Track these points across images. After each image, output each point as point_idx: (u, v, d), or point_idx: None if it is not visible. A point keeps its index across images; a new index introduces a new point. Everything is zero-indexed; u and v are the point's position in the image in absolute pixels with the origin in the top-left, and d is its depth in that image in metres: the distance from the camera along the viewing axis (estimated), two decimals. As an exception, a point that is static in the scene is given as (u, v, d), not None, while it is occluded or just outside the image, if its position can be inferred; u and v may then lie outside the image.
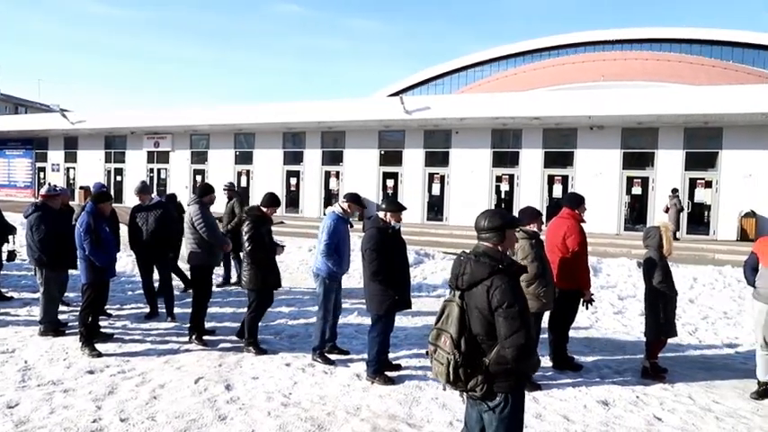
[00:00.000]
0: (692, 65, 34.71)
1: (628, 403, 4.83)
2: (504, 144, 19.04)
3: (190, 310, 6.36)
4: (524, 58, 46.56)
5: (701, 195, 16.95)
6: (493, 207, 18.71)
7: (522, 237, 5.09)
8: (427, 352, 3.01)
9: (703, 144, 16.89)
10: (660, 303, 5.41)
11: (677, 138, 16.98)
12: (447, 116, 17.98)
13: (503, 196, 19.06)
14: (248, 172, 22.81)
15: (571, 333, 6.69)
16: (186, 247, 6.38)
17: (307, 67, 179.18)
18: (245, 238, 5.80)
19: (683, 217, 16.58)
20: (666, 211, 15.75)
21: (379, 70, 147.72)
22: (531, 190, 18.39)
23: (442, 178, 19.65)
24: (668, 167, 17.10)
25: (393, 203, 5.25)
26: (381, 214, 5.21)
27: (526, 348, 2.71)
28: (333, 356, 5.80)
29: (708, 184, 16.87)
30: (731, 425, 4.46)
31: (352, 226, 5.92)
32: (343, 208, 5.72)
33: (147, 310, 7.41)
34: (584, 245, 5.63)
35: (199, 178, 23.57)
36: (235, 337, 6.37)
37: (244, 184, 22.86)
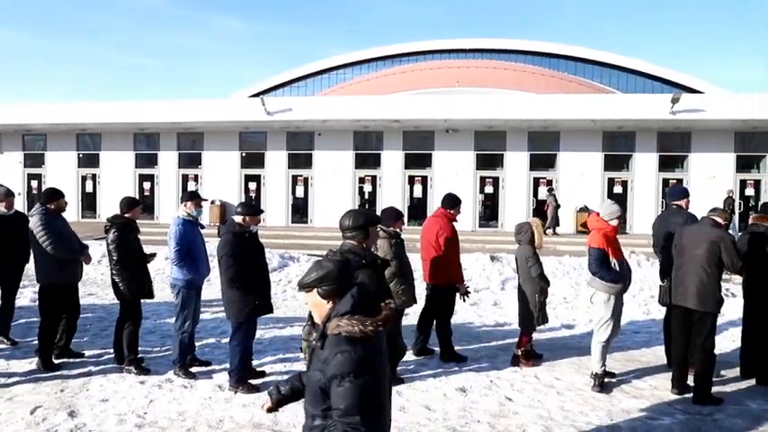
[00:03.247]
0: (533, 74, 38.05)
1: (483, 388, 5.16)
2: (367, 146, 19.47)
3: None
4: (384, 62, 47.92)
5: (544, 193, 18.66)
6: (356, 208, 19.08)
7: (382, 236, 5.22)
8: (301, 348, 3.15)
9: (544, 146, 18.64)
10: (536, 294, 5.75)
11: (522, 141, 18.55)
12: (309, 118, 17.96)
13: (366, 197, 19.46)
14: (94, 176, 20.94)
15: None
16: (33, 263, 5.66)
17: (162, 64, 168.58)
18: (112, 247, 5.35)
19: (538, 214, 18.14)
20: (546, 209, 17.22)
21: (241, 70, 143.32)
22: (393, 190, 18.98)
23: (306, 180, 19.59)
24: (516, 168, 18.62)
25: (248, 207, 5.16)
26: (237, 218, 5.08)
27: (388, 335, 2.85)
28: (193, 369, 5.51)
29: (549, 183, 18.62)
30: (570, 398, 4.96)
31: (202, 227, 5.69)
32: (186, 210, 5.48)
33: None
34: (456, 242, 5.94)
35: (34, 183, 21.18)
36: (77, 359, 5.80)
37: (90, 189, 20.95)
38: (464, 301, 6.13)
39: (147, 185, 20.64)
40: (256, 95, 27.10)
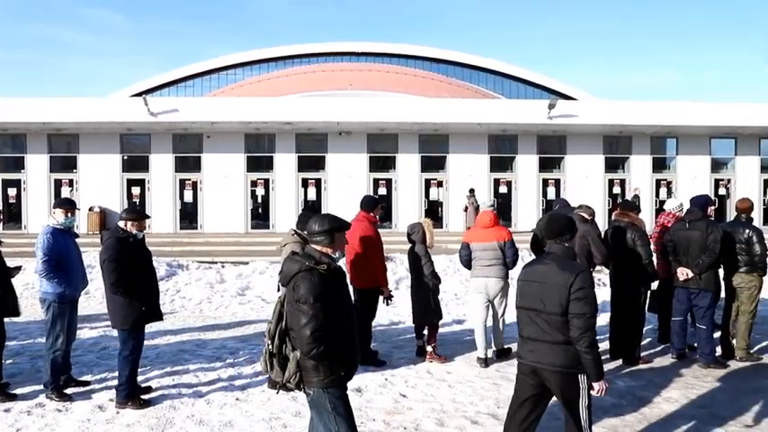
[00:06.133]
0: (423, 79, 39.24)
1: (378, 386, 5.24)
2: (259, 149, 19.07)
3: None
4: (276, 63, 47.15)
5: (435, 194, 19.34)
6: (249, 212, 18.67)
7: (296, 240, 5.23)
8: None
9: (435, 149, 19.31)
10: (430, 291, 5.99)
11: (414, 143, 19.08)
12: (197, 119, 17.27)
13: (259, 201, 19.06)
14: (-52, 182, 18.69)
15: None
16: None
17: (31, 59, 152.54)
18: None
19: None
20: (465, 210, 17.67)
21: (120, 69, 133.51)
22: (286, 194, 18.73)
23: (195, 184, 18.79)
24: (408, 169, 19.10)
25: (133, 211, 4.92)
26: (121, 223, 4.80)
27: (314, 342, 2.82)
28: (69, 390, 5.08)
29: (440, 184, 19.32)
30: (460, 390, 5.17)
31: (76, 236, 5.29)
32: (55, 218, 5.07)
33: None
34: (378, 245, 5.94)
35: None
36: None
37: (-58, 197, 18.66)
38: (387, 304, 6.12)
39: (12, 192, 18.75)
40: (138, 95, 25.42)
